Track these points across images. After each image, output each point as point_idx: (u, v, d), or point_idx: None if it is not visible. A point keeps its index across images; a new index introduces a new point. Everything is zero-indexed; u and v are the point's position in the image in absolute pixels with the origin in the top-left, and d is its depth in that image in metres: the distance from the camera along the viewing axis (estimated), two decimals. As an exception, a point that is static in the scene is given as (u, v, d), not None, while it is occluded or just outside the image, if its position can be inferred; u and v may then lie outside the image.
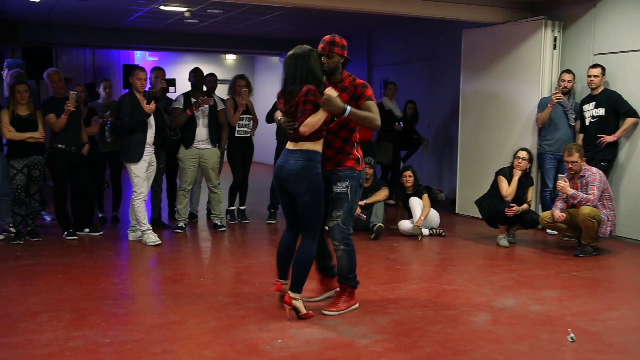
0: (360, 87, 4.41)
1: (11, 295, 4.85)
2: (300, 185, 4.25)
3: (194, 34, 12.94)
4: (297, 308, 4.36)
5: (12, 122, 6.55)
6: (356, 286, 4.62)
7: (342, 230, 4.44)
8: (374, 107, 4.39)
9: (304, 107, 4.18)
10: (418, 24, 10.75)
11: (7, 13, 10.52)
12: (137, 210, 6.62)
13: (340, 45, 4.42)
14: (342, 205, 4.43)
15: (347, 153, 4.45)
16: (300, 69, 4.24)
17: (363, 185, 4.62)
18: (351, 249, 4.52)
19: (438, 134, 10.53)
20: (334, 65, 4.39)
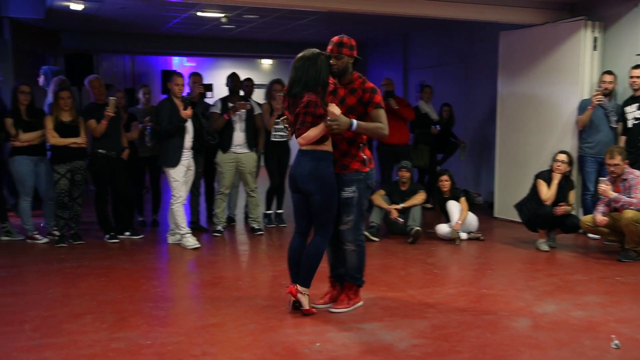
0: (369, 92, 4.41)
1: (56, 297, 4.96)
2: (312, 184, 4.33)
3: (230, 39, 13.09)
4: (301, 302, 4.45)
5: (55, 128, 6.70)
6: (361, 285, 4.69)
7: (354, 233, 4.52)
8: (382, 116, 4.41)
9: (303, 119, 4.24)
10: (454, 26, 10.67)
11: (51, 21, 10.77)
12: (176, 214, 6.70)
13: (349, 45, 4.42)
14: (352, 210, 4.48)
15: (353, 155, 4.47)
16: (306, 72, 4.27)
17: (372, 186, 4.64)
18: (362, 249, 4.59)
19: (475, 137, 10.43)
20: (343, 67, 4.43)
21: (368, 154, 4.54)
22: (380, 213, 7.27)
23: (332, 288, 4.81)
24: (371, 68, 13.47)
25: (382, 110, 4.43)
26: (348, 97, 4.46)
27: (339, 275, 4.76)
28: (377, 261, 6.16)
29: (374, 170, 4.61)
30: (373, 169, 4.59)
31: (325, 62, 4.32)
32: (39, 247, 6.78)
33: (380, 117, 4.41)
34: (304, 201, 4.45)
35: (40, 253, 6.51)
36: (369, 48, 13.58)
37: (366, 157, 4.51)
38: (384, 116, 4.43)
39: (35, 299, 4.92)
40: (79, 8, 9.32)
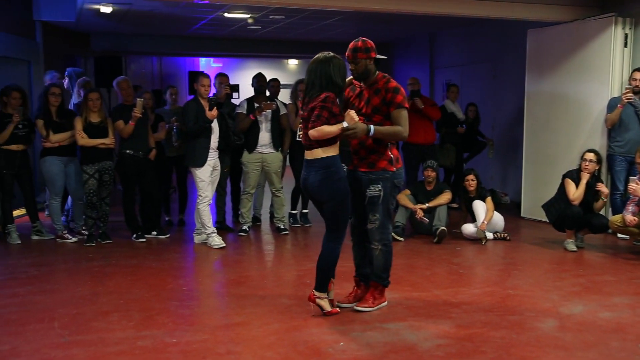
0: (392, 92, 4.41)
1: (84, 295, 5.04)
2: (323, 193, 4.34)
3: (257, 39, 13.16)
4: (322, 306, 4.45)
5: (84, 129, 6.81)
6: (387, 285, 4.69)
7: (382, 232, 4.52)
8: (402, 118, 4.40)
9: (320, 112, 4.22)
10: (481, 24, 10.59)
11: (81, 24, 10.95)
12: (202, 214, 6.76)
13: (364, 49, 4.43)
14: (378, 208, 4.48)
15: (380, 153, 4.47)
16: (319, 76, 4.29)
17: (400, 186, 4.63)
18: (389, 249, 4.58)
19: (502, 136, 10.34)
20: (362, 70, 4.45)
21: (395, 153, 4.54)
22: (406, 213, 7.25)
23: (357, 287, 4.82)
24: (398, 67, 13.43)
25: (403, 111, 4.42)
26: (373, 98, 4.47)
27: (364, 274, 4.77)
28: (402, 261, 6.14)
29: (401, 170, 4.60)
30: (400, 168, 4.58)
31: (338, 66, 4.31)
32: (69, 246, 6.89)
33: (400, 118, 4.41)
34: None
35: (70, 252, 6.62)
36: (396, 47, 13.55)
37: (393, 156, 4.51)
38: (405, 118, 4.42)
39: (64, 296, 5.01)
40: (108, 10, 9.45)
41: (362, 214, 4.61)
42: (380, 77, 4.50)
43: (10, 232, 6.99)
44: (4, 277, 5.59)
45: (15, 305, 4.76)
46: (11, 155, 6.87)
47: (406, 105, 4.47)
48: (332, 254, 4.42)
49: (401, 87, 4.49)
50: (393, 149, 4.54)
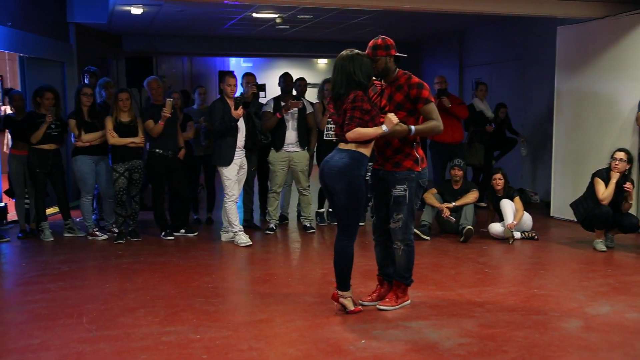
0: (416, 88, 4.41)
1: (112, 291, 5.15)
2: (338, 182, 4.30)
3: (285, 39, 13.21)
4: (345, 305, 4.47)
5: (115, 128, 6.93)
6: (410, 284, 4.69)
7: (404, 232, 4.52)
8: (433, 111, 4.41)
9: (352, 114, 4.23)
10: (510, 22, 10.49)
11: (113, 26, 11.14)
12: (229, 212, 6.83)
13: (383, 46, 4.44)
14: (402, 208, 4.48)
15: (406, 153, 4.47)
16: (343, 73, 4.31)
17: (425, 186, 4.62)
18: (411, 249, 4.58)
19: (532, 135, 10.22)
20: (382, 67, 4.46)
21: (421, 153, 4.54)
22: (432, 212, 7.22)
23: (380, 286, 4.83)
24: (426, 66, 13.37)
25: (432, 104, 4.43)
26: (395, 94, 4.48)
27: (387, 273, 4.78)
28: (428, 260, 6.13)
29: (426, 170, 4.60)
30: (426, 168, 4.58)
31: (361, 62, 4.31)
32: (99, 243, 7.03)
33: (431, 112, 4.42)
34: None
35: (100, 249, 6.75)
36: (424, 46, 13.48)
37: (419, 155, 4.51)
38: (436, 111, 4.44)
39: (93, 292, 5.12)
40: (139, 12, 9.60)
41: (386, 213, 4.61)
42: (401, 74, 4.51)
43: (43, 229, 7.16)
44: (36, 273, 5.73)
45: (46, 300, 4.89)
46: (44, 155, 7.03)
47: (432, 99, 4.47)
48: (346, 253, 4.41)
49: (424, 82, 4.49)
50: (419, 148, 4.54)
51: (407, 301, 4.69)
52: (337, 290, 4.49)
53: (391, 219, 4.55)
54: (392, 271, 4.74)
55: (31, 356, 3.78)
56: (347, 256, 4.42)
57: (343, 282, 4.46)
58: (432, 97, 4.45)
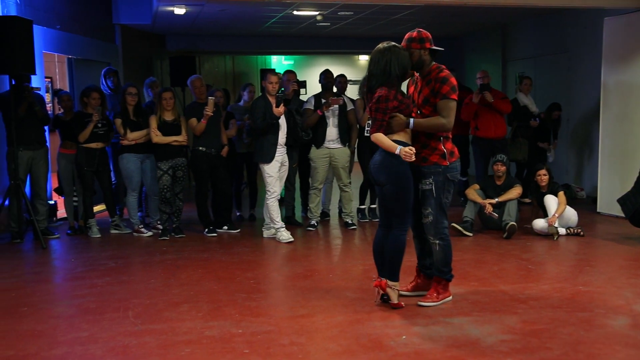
0: (439, 82, 4.38)
1: (157, 286, 5.25)
2: (382, 174, 4.37)
3: (326, 36, 13.23)
4: (390, 296, 4.48)
5: (159, 126, 7.06)
6: (450, 279, 4.64)
7: (435, 226, 4.49)
8: (446, 109, 4.35)
9: (374, 116, 4.31)
10: (555, 14, 10.29)
11: (157, 26, 11.33)
12: (271, 209, 6.89)
13: (418, 39, 4.42)
14: (430, 202, 4.47)
15: (432, 148, 4.45)
16: (377, 65, 4.34)
17: (454, 180, 4.55)
18: (447, 243, 4.55)
19: (577, 129, 10.02)
20: (416, 60, 4.44)
21: (449, 147, 4.50)
22: (475, 207, 7.15)
23: (417, 277, 4.84)
24: (469, 60, 13.22)
25: (448, 101, 4.36)
26: (424, 89, 4.48)
27: (424, 265, 4.78)
28: (470, 256, 6.07)
29: (456, 164, 4.54)
30: (455, 162, 4.53)
31: (397, 54, 4.33)
32: (144, 240, 7.17)
33: (444, 109, 4.37)
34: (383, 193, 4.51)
35: (145, 245, 6.89)
36: (466, 40, 13.33)
37: (446, 150, 4.47)
38: (450, 108, 4.37)
39: (138, 287, 5.23)
40: (182, 12, 9.74)
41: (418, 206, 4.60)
42: (434, 67, 4.48)
43: (91, 226, 7.34)
44: (84, 269, 5.89)
45: (93, 295, 5.02)
46: (91, 153, 7.21)
47: (453, 96, 4.38)
48: (397, 242, 4.44)
49: (452, 77, 4.43)
50: (447, 142, 4.49)
51: (448, 297, 4.66)
52: (386, 278, 4.50)
53: (422, 214, 4.54)
54: (428, 263, 4.73)
55: (80, 348, 3.89)
56: (398, 247, 4.45)
57: (394, 273, 4.49)
58: (453, 95, 4.38)
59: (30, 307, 4.73)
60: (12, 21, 6.52)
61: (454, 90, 4.39)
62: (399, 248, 4.46)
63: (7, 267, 6.00)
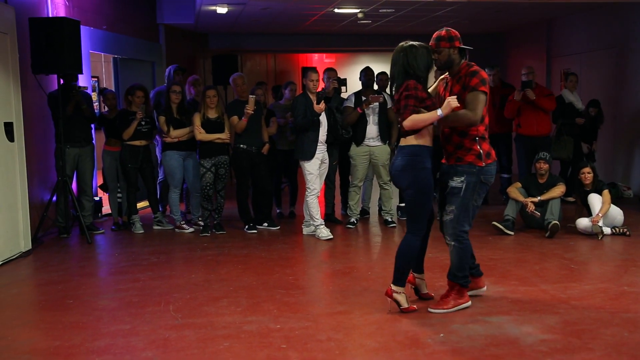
0: (468, 76, 4.29)
1: (198, 281, 5.33)
2: (403, 179, 4.32)
3: (368, 34, 13.21)
4: (398, 301, 4.39)
5: (202, 124, 7.15)
6: (466, 285, 4.47)
7: (454, 226, 4.38)
8: (473, 101, 4.24)
9: (406, 102, 4.22)
10: (603, 9, 10.06)
11: (199, 25, 11.49)
12: (310, 206, 6.92)
13: (447, 37, 4.35)
14: (455, 200, 4.36)
15: (467, 148, 4.34)
16: (399, 65, 4.31)
17: (488, 182, 4.40)
18: (464, 246, 4.41)
19: (626, 127, 9.77)
20: (445, 59, 4.38)
21: (486, 148, 4.37)
22: (517, 206, 7.04)
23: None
24: (512, 57, 13.02)
25: (477, 94, 4.24)
26: (454, 87, 4.39)
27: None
28: (511, 255, 6.00)
29: (491, 167, 4.38)
30: (491, 164, 4.38)
31: (415, 53, 4.27)
32: (186, 236, 7.28)
33: (471, 101, 4.25)
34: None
35: (186, 241, 7.00)
36: (510, 36, 13.12)
37: (482, 150, 4.34)
38: (478, 101, 4.24)
39: (179, 282, 5.32)
40: (224, 11, 9.86)
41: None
42: (463, 65, 4.40)
43: (134, 222, 7.50)
44: (127, 264, 6.01)
45: (136, 289, 5.13)
46: (135, 150, 7.36)
47: (482, 88, 4.25)
48: (409, 246, 4.36)
49: (482, 71, 4.32)
50: (483, 143, 4.36)
51: (464, 304, 4.46)
52: (391, 285, 4.42)
53: (444, 210, 4.44)
54: (471, 262, 4.63)
55: (122, 340, 3.99)
56: (409, 250, 4.36)
57: (399, 277, 4.38)
58: (482, 87, 4.25)
59: (76, 300, 4.87)
60: (61, 22, 6.70)
61: (483, 82, 4.28)
62: (410, 253, 4.37)
63: (55, 261, 6.18)
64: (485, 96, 4.29)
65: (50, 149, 7.29)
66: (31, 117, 6.95)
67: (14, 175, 6.24)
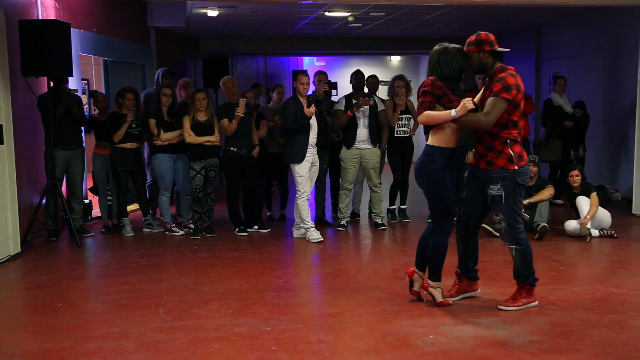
0: (495, 81, 4.31)
1: (188, 284, 5.33)
2: (418, 179, 4.50)
3: (358, 37, 13.27)
4: (433, 295, 4.55)
5: (192, 127, 7.15)
6: (534, 284, 4.52)
7: (510, 232, 4.41)
8: (489, 105, 4.24)
9: (423, 99, 4.35)
10: (591, 14, 10.15)
11: (190, 28, 11.49)
12: (301, 209, 6.94)
13: (475, 42, 4.40)
14: (500, 208, 4.38)
15: (498, 151, 4.34)
16: (430, 66, 4.49)
17: (525, 183, 4.42)
18: (524, 247, 4.45)
19: (613, 130, 9.85)
20: (477, 64, 4.42)
21: (517, 150, 4.35)
22: (506, 209, 7.07)
23: (459, 280, 4.79)
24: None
25: (496, 100, 4.23)
26: (487, 91, 4.41)
27: (466, 268, 4.74)
28: (500, 257, 6.02)
29: (526, 168, 4.39)
30: (525, 166, 4.38)
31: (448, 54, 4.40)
32: (176, 238, 7.27)
33: (488, 106, 4.25)
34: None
35: (177, 244, 6.99)
36: (500, 40, 13.04)
37: (514, 153, 4.32)
38: (495, 106, 4.22)
39: (169, 285, 5.32)
40: (215, 14, 9.87)
41: (476, 209, 4.57)
42: (498, 69, 4.39)
43: (124, 225, 7.48)
44: (117, 267, 6.00)
45: (126, 292, 5.12)
46: (125, 153, 7.34)
47: (504, 95, 4.21)
48: (438, 244, 4.51)
49: (510, 77, 4.26)
50: (514, 145, 4.33)
51: (533, 302, 4.50)
52: (427, 279, 4.57)
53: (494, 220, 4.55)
54: (471, 266, 4.71)
55: (112, 343, 3.98)
56: (439, 248, 4.51)
57: (434, 272, 4.54)
58: (504, 93, 4.22)
59: (66, 303, 4.86)
60: (51, 24, 6.68)
61: (506, 89, 4.22)
62: (439, 250, 4.51)
63: (44, 264, 6.16)
64: (505, 103, 4.24)
65: (40, 151, 7.26)
66: (21, 120, 6.92)
67: (3, 178, 6.22)
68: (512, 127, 4.34)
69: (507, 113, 4.31)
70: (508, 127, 4.33)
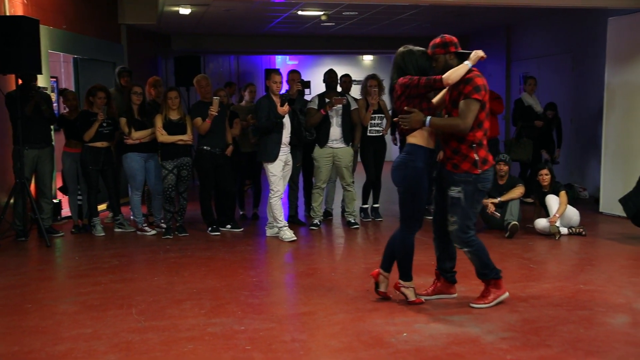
0: (464, 82, 4.31)
1: (160, 284, 5.29)
2: (396, 176, 4.48)
3: (331, 36, 13.29)
4: (405, 294, 4.59)
5: (164, 126, 7.09)
6: (498, 276, 4.55)
7: (460, 236, 4.45)
8: (464, 110, 4.26)
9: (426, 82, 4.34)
10: (560, 15, 10.31)
11: (162, 26, 11.38)
12: (274, 208, 6.93)
13: (441, 44, 4.43)
14: (456, 210, 4.42)
15: (464, 155, 4.37)
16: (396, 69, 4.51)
17: (485, 189, 4.46)
18: (476, 248, 4.48)
19: (581, 129, 10.02)
20: (442, 66, 4.42)
21: (482, 155, 4.37)
22: (477, 207, 7.15)
23: (437, 280, 4.82)
24: (473, 61, 13.21)
25: (469, 101, 4.26)
26: (453, 92, 4.39)
27: (443, 269, 4.76)
28: (472, 255, 6.09)
29: (488, 174, 4.42)
30: (488, 171, 4.40)
31: (412, 56, 4.43)
32: (148, 238, 7.21)
33: (462, 109, 4.28)
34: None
35: (149, 244, 6.93)
36: (471, 40, 13.32)
37: (479, 157, 4.34)
38: (469, 109, 4.25)
39: (142, 285, 5.27)
40: (187, 12, 9.80)
41: (443, 208, 4.58)
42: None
43: (95, 224, 7.39)
44: (88, 267, 5.92)
45: (97, 292, 5.06)
46: (96, 152, 7.25)
47: (475, 96, 4.25)
48: (403, 243, 4.52)
49: (479, 78, 4.30)
50: (480, 149, 4.36)
51: (503, 295, 4.54)
52: (399, 279, 4.59)
53: (447, 220, 4.50)
54: (449, 267, 4.73)
55: (84, 344, 3.93)
56: (405, 247, 4.53)
57: (404, 272, 4.57)
58: (475, 94, 4.25)
59: (35, 304, 4.78)
60: (19, 21, 6.56)
61: (476, 90, 4.26)
62: (406, 250, 4.54)
63: (12, 264, 6.05)
64: (478, 104, 4.28)
65: (8, 150, 7.13)
66: (-12, 118, 6.80)
67: (-30, 177, 6.10)
68: (478, 128, 4.35)
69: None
70: (473, 129, 4.34)
